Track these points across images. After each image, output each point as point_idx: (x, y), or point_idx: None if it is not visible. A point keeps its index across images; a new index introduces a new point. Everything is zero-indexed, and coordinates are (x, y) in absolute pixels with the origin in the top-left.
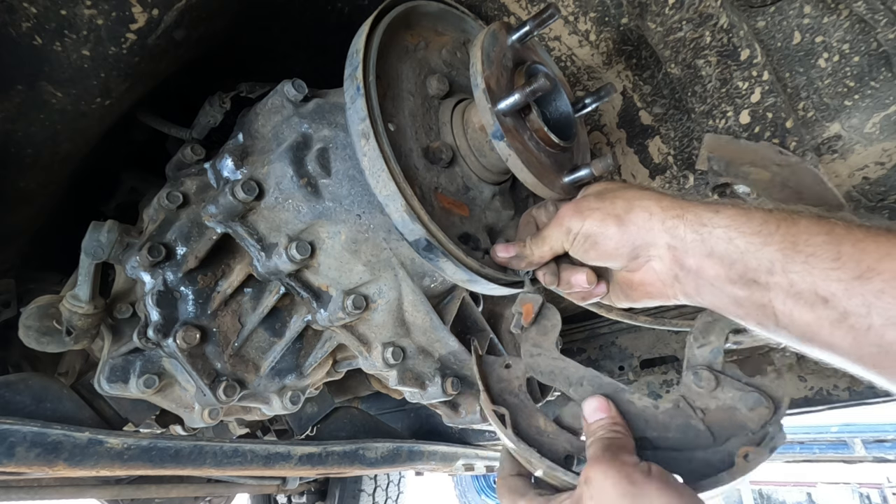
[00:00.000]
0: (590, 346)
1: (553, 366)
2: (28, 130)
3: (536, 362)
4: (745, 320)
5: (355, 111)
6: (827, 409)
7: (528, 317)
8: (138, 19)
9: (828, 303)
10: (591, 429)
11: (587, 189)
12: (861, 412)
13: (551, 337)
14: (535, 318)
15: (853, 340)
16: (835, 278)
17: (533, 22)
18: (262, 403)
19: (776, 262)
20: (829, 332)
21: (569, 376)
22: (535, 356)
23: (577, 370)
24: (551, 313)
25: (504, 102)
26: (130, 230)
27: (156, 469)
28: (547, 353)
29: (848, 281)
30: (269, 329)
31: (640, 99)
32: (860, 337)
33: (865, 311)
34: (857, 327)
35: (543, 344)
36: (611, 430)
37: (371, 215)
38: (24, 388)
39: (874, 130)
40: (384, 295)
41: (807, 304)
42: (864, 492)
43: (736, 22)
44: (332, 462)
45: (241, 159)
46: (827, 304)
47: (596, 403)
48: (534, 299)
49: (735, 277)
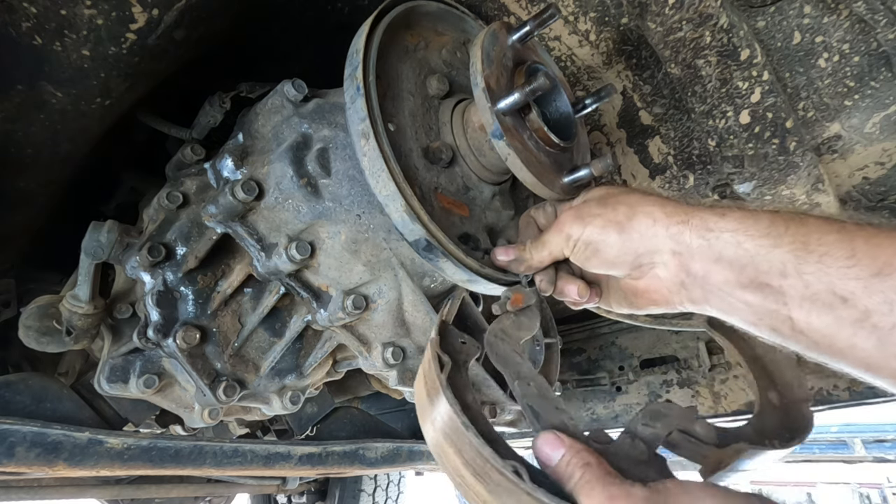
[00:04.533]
0: (590, 346)
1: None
2: (28, 130)
3: (497, 344)
4: (758, 327)
5: (355, 111)
6: (827, 409)
7: (515, 305)
8: (138, 19)
9: (847, 302)
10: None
11: (588, 193)
12: (861, 412)
13: (522, 335)
14: (521, 310)
15: (877, 341)
16: (852, 276)
17: (533, 22)
18: (262, 403)
19: (788, 264)
20: (851, 334)
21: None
22: (499, 339)
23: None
24: (533, 318)
25: (504, 102)
26: (130, 230)
27: (156, 469)
28: (511, 343)
29: (866, 278)
30: (269, 329)
31: (640, 99)
32: (885, 336)
33: (888, 308)
34: (880, 326)
35: (512, 336)
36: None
37: (371, 215)
38: (24, 388)
39: (874, 130)
40: (384, 295)
41: (825, 305)
42: (864, 492)
43: (736, 22)
44: (332, 462)
45: (241, 159)
46: (846, 303)
47: (548, 439)
48: (527, 295)
49: (746, 282)
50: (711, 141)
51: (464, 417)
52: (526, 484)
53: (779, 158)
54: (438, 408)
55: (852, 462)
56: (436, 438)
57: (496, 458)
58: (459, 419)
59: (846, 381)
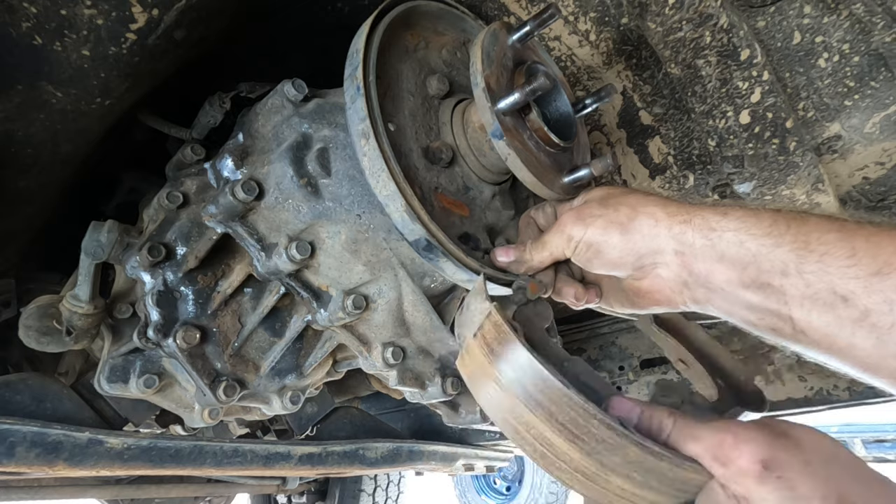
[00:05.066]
0: (590, 346)
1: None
2: (28, 130)
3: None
4: (759, 328)
5: (355, 111)
6: (827, 409)
7: (535, 292)
8: (138, 19)
9: (847, 301)
10: (650, 426)
11: (589, 193)
12: (861, 412)
13: (543, 324)
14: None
15: (876, 340)
16: (852, 276)
17: (533, 22)
18: (262, 403)
19: (790, 264)
20: (851, 333)
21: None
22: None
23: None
24: (547, 308)
25: (504, 101)
26: (130, 230)
27: (156, 469)
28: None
29: (866, 278)
30: (269, 329)
31: (640, 99)
32: (884, 335)
33: (888, 308)
34: (879, 325)
35: (536, 324)
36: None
37: (371, 215)
38: (24, 388)
39: (874, 130)
40: (384, 295)
41: (825, 304)
42: None
43: (736, 22)
44: (332, 462)
45: (241, 159)
46: (847, 302)
47: (621, 401)
48: (541, 285)
49: (748, 281)
50: (711, 141)
51: (559, 375)
52: (635, 435)
53: (779, 158)
54: (518, 370)
55: None
56: (512, 405)
57: (603, 413)
58: (556, 378)
59: (846, 381)
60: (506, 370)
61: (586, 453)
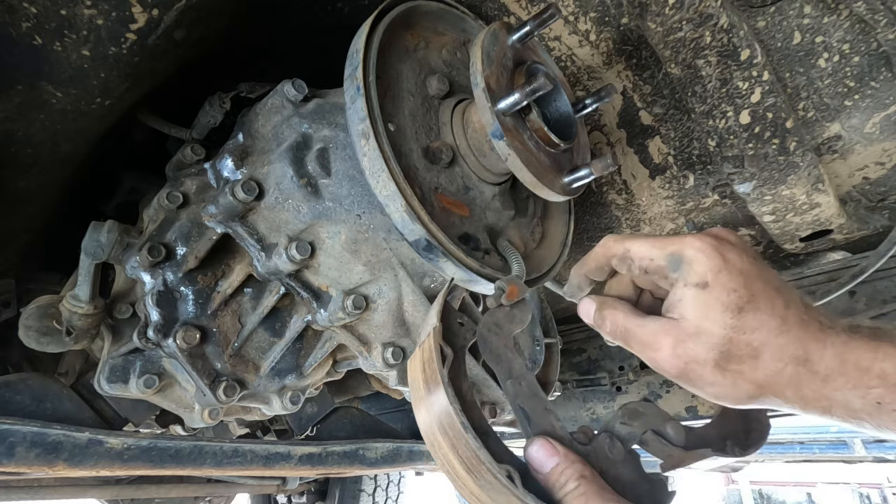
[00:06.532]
0: (590, 346)
1: (503, 351)
2: (28, 130)
3: (490, 339)
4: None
5: (355, 111)
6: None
7: (510, 297)
8: (138, 19)
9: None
10: (556, 481)
11: (690, 308)
12: None
13: (515, 328)
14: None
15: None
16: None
17: (533, 22)
18: (262, 403)
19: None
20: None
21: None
22: (492, 333)
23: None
24: (525, 311)
25: (504, 102)
26: (130, 230)
27: (156, 469)
28: (504, 337)
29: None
30: (269, 329)
31: (640, 99)
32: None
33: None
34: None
35: (505, 328)
36: (578, 477)
37: (371, 215)
38: (24, 388)
39: (874, 130)
40: (384, 295)
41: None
42: (864, 492)
43: (736, 22)
44: (332, 462)
45: (241, 159)
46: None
47: (543, 445)
48: (521, 288)
49: None
50: (711, 141)
51: (463, 418)
52: (518, 490)
53: (779, 158)
54: (436, 400)
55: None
56: (430, 427)
57: (492, 463)
58: (458, 419)
59: None
60: (428, 393)
61: (479, 486)
